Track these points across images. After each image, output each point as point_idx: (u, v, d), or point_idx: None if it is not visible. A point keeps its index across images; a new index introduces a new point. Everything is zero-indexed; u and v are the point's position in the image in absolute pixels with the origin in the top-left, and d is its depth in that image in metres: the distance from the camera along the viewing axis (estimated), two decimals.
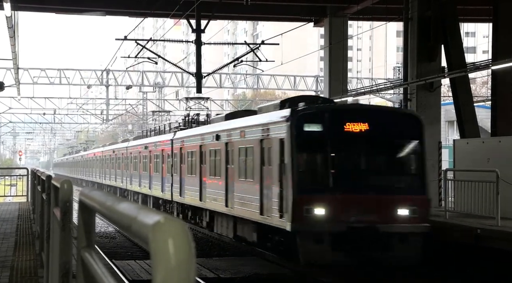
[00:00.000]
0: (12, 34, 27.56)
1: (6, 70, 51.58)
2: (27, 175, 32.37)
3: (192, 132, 32.21)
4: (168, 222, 1.89)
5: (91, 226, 3.75)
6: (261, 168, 21.73)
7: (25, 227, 18.73)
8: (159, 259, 1.83)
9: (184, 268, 1.82)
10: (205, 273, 19.78)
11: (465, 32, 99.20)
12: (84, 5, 33.70)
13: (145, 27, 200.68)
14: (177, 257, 1.82)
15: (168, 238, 1.84)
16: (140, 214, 2.16)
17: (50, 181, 7.63)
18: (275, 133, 20.69)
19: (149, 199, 42.11)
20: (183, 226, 1.89)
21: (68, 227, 5.29)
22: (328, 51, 35.05)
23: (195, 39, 29.32)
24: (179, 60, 46.60)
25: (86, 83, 58.41)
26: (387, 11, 31.81)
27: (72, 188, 5.57)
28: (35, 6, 34.78)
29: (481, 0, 31.64)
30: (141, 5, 32.89)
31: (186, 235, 1.86)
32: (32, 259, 12.16)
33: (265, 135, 21.56)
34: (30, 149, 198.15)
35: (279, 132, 20.34)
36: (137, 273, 20.08)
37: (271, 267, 21.23)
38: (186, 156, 32.06)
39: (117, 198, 2.81)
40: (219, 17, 36.67)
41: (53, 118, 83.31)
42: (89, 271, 3.27)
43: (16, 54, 34.29)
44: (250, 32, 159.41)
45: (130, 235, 2.25)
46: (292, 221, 18.96)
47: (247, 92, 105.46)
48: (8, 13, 23.80)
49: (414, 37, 27.38)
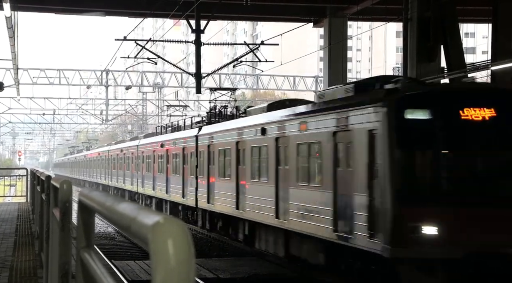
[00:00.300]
0: (12, 34, 27.55)
1: (6, 71, 51.56)
2: (26, 175, 32.37)
3: (225, 127, 27.19)
4: (167, 222, 1.89)
5: (91, 226, 3.75)
6: (334, 170, 16.89)
7: (24, 227, 18.72)
8: (158, 259, 1.83)
9: (183, 268, 1.82)
10: (204, 274, 19.78)
11: (465, 32, 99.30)
12: (83, 6, 33.70)
13: (145, 27, 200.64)
14: (177, 258, 1.82)
15: (167, 238, 1.84)
16: (139, 214, 2.16)
17: (49, 181, 7.63)
18: (358, 123, 15.77)
19: (166, 204, 37.86)
20: (182, 226, 1.89)
21: (67, 227, 5.29)
22: (327, 52, 35.06)
23: (194, 40, 29.31)
24: (179, 61, 46.59)
25: (86, 84, 58.40)
26: (387, 12, 31.81)
27: (71, 188, 5.57)
28: (34, 7, 34.78)
29: (481, 1, 31.65)
30: (141, 5, 32.89)
31: (185, 235, 1.86)
32: (32, 260, 12.16)
33: (341, 127, 16.61)
34: (30, 149, 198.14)
35: (366, 122, 15.42)
36: (136, 274, 20.08)
37: (270, 267, 21.22)
38: (217, 155, 27.43)
39: (116, 198, 2.81)
40: (219, 17, 36.68)
41: (53, 119, 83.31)
42: (88, 272, 3.27)
43: (15, 55, 34.27)
44: (250, 33, 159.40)
45: (130, 235, 2.25)
46: (392, 244, 14.27)
47: (247, 92, 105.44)
48: (7, 13, 23.79)
49: (413, 38, 27.38)
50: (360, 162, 15.56)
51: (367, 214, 15.10)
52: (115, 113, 78.07)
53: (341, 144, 16.66)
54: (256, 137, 22.69)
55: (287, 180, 19.92)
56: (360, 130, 15.62)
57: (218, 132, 27.77)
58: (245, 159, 24.12)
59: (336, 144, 16.92)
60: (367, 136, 15.28)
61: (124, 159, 52.01)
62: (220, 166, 26.95)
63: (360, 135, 15.62)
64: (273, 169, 20.93)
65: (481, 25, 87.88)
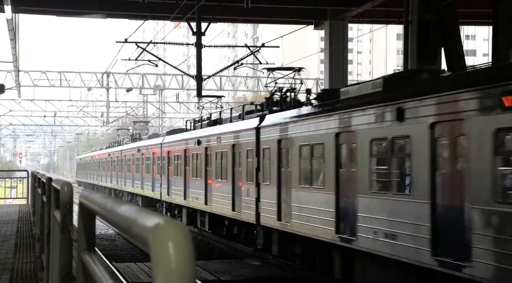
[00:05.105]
0: (13, 36, 27.59)
1: (7, 73, 51.61)
2: (27, 177, 32.38)
3: (307, 110, 19.91)
4: (168, 224, 1.90)
5: (92, 228, 3.76)
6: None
7: (25, 229, 18.73)
8: (159, 261, 1.84)
9: (184, 270, 1.83)
10: (205, 276, 19.79)
11: (465, 35, 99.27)
12: (84, 8, 33.72)
13: (146, 30, 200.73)
14: (177, 260, 1.83)
15: (168, 240, 1.85)
16: (140, 216, 2.17)
17: (50, 183, 7.64)
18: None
19: (202, 216, 30.80)
20: (183, 228, 1.90)
21: (68, 229, 5.30)
22: (328, 54, 35.07)
23: (195, 42, 29.33)
24: (180, 63, 46.63)
25: (87, 86, 58.45)
26: (387, 14, 31.84)
27: (72, 190, 5.58)
28: (35, 9, 34.79)
29: (481, 3, 31.66)
30: (142, 8, 32.91)
31: (186, 237, 1.87)
32: (32, 262, 12.16)
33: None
34: (31, 151, 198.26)
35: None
36: (137, 276, 20.09)
37: (271, 269, 21.21)
38: (297, 153, 19.95)
39: (117, 200, 2.82)
40: (220, 20, 36.69)
41: (54, 121, 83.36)
42: (89, 274, 3.28)
43: (16, 57, 34.32)
44: (251, 35, 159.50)
45: (130, 237, 2.26)
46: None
47: (247, 94, 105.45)
48: (8, 15, 23.82)
49: (414, 40, 27.40)
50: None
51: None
52: (116, 115, 78.12)
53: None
54: (379, 125, 15.47)
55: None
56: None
57: (300, 120, 20.05)
58: (356, 158, 16.53)
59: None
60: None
61: (142, 160, 45.19)
62: (303, 169, 19.71)
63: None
64: (427, 175, 13.65)
65: (481, 27, 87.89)
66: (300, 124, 19.88)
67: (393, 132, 14.76)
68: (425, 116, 13.56)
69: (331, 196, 17.39)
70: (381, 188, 15.31)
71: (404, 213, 14.14)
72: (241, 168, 25.11)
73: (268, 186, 22.40)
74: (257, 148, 23.47)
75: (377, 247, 15.10)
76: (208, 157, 29.10)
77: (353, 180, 16.39)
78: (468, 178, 12.23)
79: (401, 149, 14.61)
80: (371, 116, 15.72)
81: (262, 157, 23.02)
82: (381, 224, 14.96)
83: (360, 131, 16.20)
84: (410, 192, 14.05)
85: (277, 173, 21.54)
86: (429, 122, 13.40)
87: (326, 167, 17.87)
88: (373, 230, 15.28)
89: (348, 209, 16.60)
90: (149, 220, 2.02)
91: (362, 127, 16.13)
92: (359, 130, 16.28)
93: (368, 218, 15.53)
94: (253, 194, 23.56)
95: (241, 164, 25.14)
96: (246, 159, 24.60)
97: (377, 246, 15.10)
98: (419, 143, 13.75)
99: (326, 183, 17.75)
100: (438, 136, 13.28)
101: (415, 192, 13.79)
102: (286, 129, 20.96)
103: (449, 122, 12.93)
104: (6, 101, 66.31)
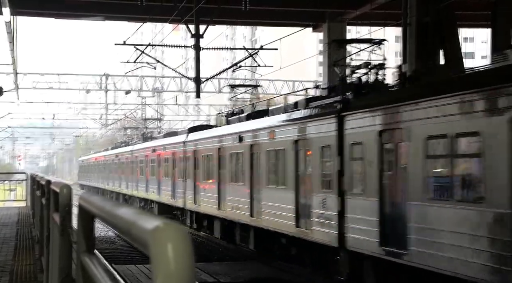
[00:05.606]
0: (11, 39, 27.59)
1: (6, 75, 51.61)
2: (26, 180, 32.36)
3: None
4: (167, 226, 1.91)
5: (91, 230, 3.77)
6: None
7: (24, 231, 18.73)
8: (158, 263, 1.85)
9: (183, 272, 1.84)
10: (205, 278, 19.79)
11: (464, 37, 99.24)
12: (83, 10, 33.72)
13: (144, 32, 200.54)
14: (177, 262, 1.84)
15: (167, 242, 1.86)
16: (139, 218, 2.18)
17: (49, 185, 7.65)
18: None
19: (244, 231, 25.51)
20: (182, 230, 1.91)
21: (67, 231, 5.31)
22: (327, 56, 35.07)
23: (194, 45, 29.35)
24: (178, 65, 46.61)
25: (85, 88, 58.44)
26: (386, 17, 31.86)
27: (71, 193, 5.60)
28: (34, 11, 34.79)
29: (480, 6, 31.69)
30: (140, 10, 32.92)
31: (185, 239, 1.88)
32: (32, 264, 12.17)
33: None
34: (30, 153, 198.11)
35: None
36: (136, 278, 20.09)
37: (270, 271, 21.22)
38: (419, 150, 13.88)
39: (116, 203, 2.84)
40: (218, 22, 36.69)
41: (52, 123, 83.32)
42: (88, 276, 3.30)
43: (15, 59, 34.32)
44: (249, 37, 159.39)
45: (130, 239, 2.27)
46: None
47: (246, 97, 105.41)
48: (7, 18, 23.82)
49: (412, 43, 27.42)
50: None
51: None
52: (115, 117, 78.10)
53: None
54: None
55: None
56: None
57: (412, 104, 14.17)
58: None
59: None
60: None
61: (158, 162, 39.89)
62: (428, 173, 13.72)
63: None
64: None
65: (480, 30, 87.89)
66: (425, 107, 13.68)
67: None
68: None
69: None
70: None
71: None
72: (310, 171, 19.44)
73: (360, 196, 16.53)
74: (339, 143, 17.73)
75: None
76: (255, 156, 23.66)
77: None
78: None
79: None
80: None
81: (349, 157, 17.24)
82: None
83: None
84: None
85: (378, 178, 15.66)
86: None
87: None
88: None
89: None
90: (148, 222, 2.03)
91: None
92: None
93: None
94: (333, 206, 17.86)
95: (309, 166, 19.59)
96: (319, 159, 18.81)
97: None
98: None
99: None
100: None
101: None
102: (396, 116, 14.79)
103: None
104: (5, 104, 66.31)
